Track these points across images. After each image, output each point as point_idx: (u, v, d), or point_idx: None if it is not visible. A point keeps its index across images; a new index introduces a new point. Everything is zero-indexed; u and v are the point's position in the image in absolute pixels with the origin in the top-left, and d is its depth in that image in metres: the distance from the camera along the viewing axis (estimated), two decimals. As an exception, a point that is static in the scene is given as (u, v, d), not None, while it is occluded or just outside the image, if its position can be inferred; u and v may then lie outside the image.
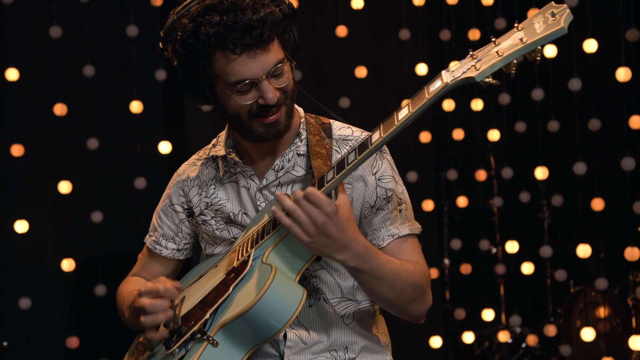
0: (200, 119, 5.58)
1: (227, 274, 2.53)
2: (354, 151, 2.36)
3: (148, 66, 5.53)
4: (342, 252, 2.36)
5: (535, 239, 5.88)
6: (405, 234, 2.61)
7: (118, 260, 5.84)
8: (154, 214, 2.94)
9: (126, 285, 2.90)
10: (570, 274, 5.47)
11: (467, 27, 5.86)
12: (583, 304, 5.35)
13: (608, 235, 5.32)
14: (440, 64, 5.87)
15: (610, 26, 5.01)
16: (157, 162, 5.80)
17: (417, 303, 2.55)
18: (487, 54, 2.16)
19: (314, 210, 2.31)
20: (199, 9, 2.43)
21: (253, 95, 2.48)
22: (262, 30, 2.40)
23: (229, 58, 2.43)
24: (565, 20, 2.06)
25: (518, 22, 2.16)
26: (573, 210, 5.39)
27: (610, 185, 5.27)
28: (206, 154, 2.82)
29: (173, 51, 2.52)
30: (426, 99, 2.23)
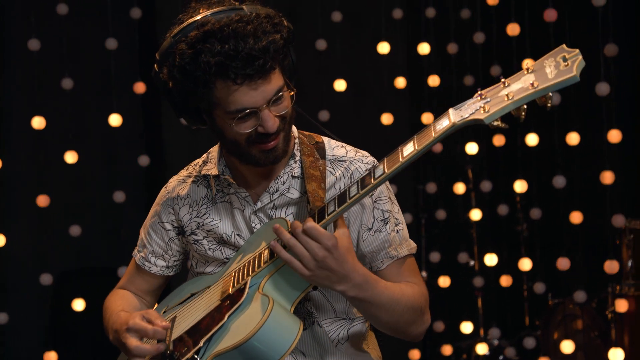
0: (179, 132, 5.57)
1: (222, 300, 2.49)
2: (356, 184, 2.33)
3: (127, 79, 5.52)
4: (342, 283, 2.34)
5: (514, 252, 5.90)
6: (403, 256, 2.61)
7: (97, 274, 5.83)
8: (142, 228, 2.88)
9: (112, 301, 2.85)
10: (548, 287, 5.48)
11: (446, 41, 5.89)
12: (561, 316, 5.36)
13: (587, 248, 5.34)
14: (420, 78, 5.92)
15: (589, 41, 5.04)
16: (136, 176, 5.79)
17: (416, 325, 2.55)
18: (496, 96, 2.12)
19: (313, 244, 2.29)
20: (198, 35, 2.36)
21: (252, 123, 2.43)
22: (264, 61, 2.35)
23: (229, 87, 2.38)
24: (578, 67, 2.02)
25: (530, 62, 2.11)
26: (552, 223, 5.41)
27: (590, 198, 5.29)
28: (196, 171, 2.77)
29: (169, 75, 2.45)
30: (432, 138, 2.18)
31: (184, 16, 2.49)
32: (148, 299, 2.92)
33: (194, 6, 2.50)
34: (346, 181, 2.60)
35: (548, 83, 2.04)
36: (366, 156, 2.66)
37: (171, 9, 5.64)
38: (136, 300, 2.87)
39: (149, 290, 2.91)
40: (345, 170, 2.61)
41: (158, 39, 5.97)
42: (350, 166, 2.62)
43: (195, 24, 2.39)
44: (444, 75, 6.03)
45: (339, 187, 2.59)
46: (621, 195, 4.83)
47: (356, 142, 2.81)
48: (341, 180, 2.60)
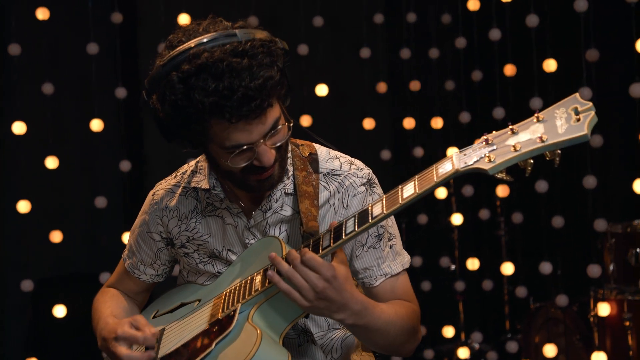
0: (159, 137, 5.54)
1: (210, 325, 2.46)
2: (353, 218, 2.28)
3: (108, 84, 5.50)
4: (340, 312, 2.31)
5: (495, 256, 5.91)
6: (397, 272, 2.58)
7: (78, 281, 5.81)
8: (131, 234, 2.84)
9: (102, 302, 2.82)
10: (530, 291, 5.49)
11: (427, 46, 5.90)
12: (542, 320, 5.37)
13: (568, 252, 5.35)
14: (401, 83, 5.93)
15: (571, 46, 5.06)
16: (117, 181, 5.76)
17: (409, 343, 2.54)
18: (503, 144, 2.05)
19: (312, 275, 2.25)
20: (190, 69, 2.24)
21: (248, 156, 2.36)
22: (260, 100, 2.26)
23: (224, 126, 2.29)
24: (589, 125, 1.95)
25: (539, 112, 2.05)
26: (534, 228, 5.42)
27: (571, 202, 5.30)
28: (185, 181, 2.71)
29: (160, 107, 2.34)
30: (434, 183, 2.12)
31: (174, 39, 2.37)
32: (139, 298, 2.91)
33: (183, 28, 2.40)
34: (340, 197, 2.56)
35: (557, 139, 1.97)
36: (361, 169, 2.61)
37: (152, 14, 5.65)
38: (126, 301, 2.85)
39: (139, 291, 2.90)
40: (340, 185, 2.57)
41: (139, 43, 5.98)
42: (344, 181, 2.57)
43: (187, 55, 2.26)
44: (425, 80, 6.04)
45: (333, 202, 2.56)
46: (603, 200, 4.84)
47: (338, 147, 2.77)
48: (335, 196, 2.56)
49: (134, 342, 2.50)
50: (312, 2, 5.68)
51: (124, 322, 2.55)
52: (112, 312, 2.72)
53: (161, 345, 2.56)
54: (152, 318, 2.74)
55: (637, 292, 4.75)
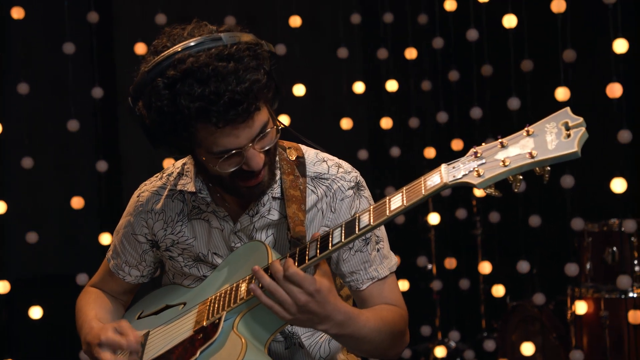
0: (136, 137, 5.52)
1: (195, 332, 2.44)
2: (340, 228, 2.25)
3: (84, 84, 5.48)
4: (323, 323, 2.29)
5: (473, 256, 5.93)
6: (384, 276, 2.56)
7: (54, 282, 5.76)
8: (115, 235, 2.79)
9: (85, 303, 2.78)
10: (507, 290, 5.52)
11: (403, 46, 5.91)
12: (519, 318, 5.40)
13: (546, 251, 5.38)
14: (378, 83, 5.94)
15: (548, 47, 5.09)
16: (94, 181, 5.73)
17: (395, 347, 2.52)
18: (492, 159, 2.01)
19: (295, 290, 2.23)
20: (175, 75, 2.21)
21: (237, 161, 2.32)
22: (247, 104, 2.22)
23: (211, 131, 2.25)
24: (579, 142, 1.90)
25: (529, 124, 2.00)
26: (512, 227, 5.44)
27: (549, 202, 5.33)
28: (171, 183, 2.66)
29: (146, 113, 2.29)
30: (422, 196, 2.08)
31: (158, 44, 2.33)
32: (124, 299, 2.87)
33: (167, 32, 2.36)
34: (328, 201, 2.53)
35: (547, 155, 1.93)
36: (348, 172, 2.58)
37: (128, 14, 5.64)
38: (110, 302, 2.81)
39: (124, 292, 2.85)
40: (328, 189, 2.54)
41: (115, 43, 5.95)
42: (332, 185, 2.54)
43: (172, 60, 2.23)
44: (402, 80, 6.05)
45: (321, 207, 2.53)
46: (580, 199, 4.87)
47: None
48: (323, 200, 2.53)
49: (117, 348, 2.47)
50: (289, 2, 5.68)
51: (108, 328, 2.52)
52: (96, 315, 2.68)
53: (145, 350, 2.54)
54: (136, 319, 2.72)
55: (613, 291, 4.78)
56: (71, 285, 5.25)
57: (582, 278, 4.95)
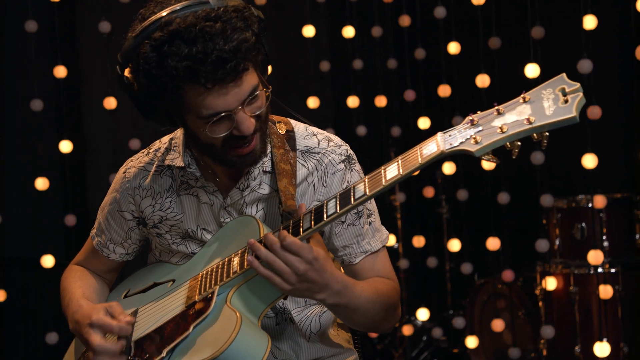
0: (100, 116, 5.46)
1: (187, 307, 2.41)
2: (334, 199, 2.23)
3: (47, 63, 5.39)
4: (322, 292, 2.28)
5: (442, 234, 5.94)
6: (377, 249, 2.56)
7: (18, 265, 5.69)
8: (100, 212, 2.77)
9: (71, 281, 2.74)
10: (475, 267, 5.54)
11: (369, 24, 5.89)
12: (487, 296, 5.42)
13: (514, 228, 5.40)
14: (344, 61, 5.92)
15: (517, 24, 5.09)
16: (58, 162, 5.66)
17: (388, 320, 2.52)
18: (489, 126, 1.99)
19: (294, 259, 2.21)
20: (163, 37, 2.19)
21: (227, 126, 2.29)
22: (236, 63, 2.19)
23: (199, 92, 2.23)
24: (577, 107, 1.90)
25: (525, 91, 1.98)
26: (480, 204, 5.45)
27: (518, 179, 5.34)
28: (159, 159, 2.63)
29: (134, 79, 2.29)
30: (418, 164, 2.05)
31: (145, 11, 2.31)
32: (108, 277, 2.84)
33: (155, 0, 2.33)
34: (320, 175, 2.52)
35: (545, 121, 1.91)
36: (339, 145, 2.57)
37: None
38: (95, 280, 2.77)
39: (108, 270, 2.82)
40: (319, 163, 2.52)
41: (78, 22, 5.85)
42: (323, 158, 2.53)
43: (159, 23, 2.22)
44: (368, 59, 6.03)
45: (312, 180, 2.52)
46: (548, 175, 4.88)
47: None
48: (314, 174, 2.52)
49: (108, 331, 2.44)
50: (255, -19, 5.63)
51: (99, 309, 2.48)
52: (83, 294, 2.65)
53: (135, 327, 2.50)
54: (122, 297, 2.68)
55: (582, 266, 4.82)
56: (36, 268, 5.18)
57: (551, 254, 4.99)
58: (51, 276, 5.16)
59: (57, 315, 5.20)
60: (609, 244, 4.81)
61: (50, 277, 5.17)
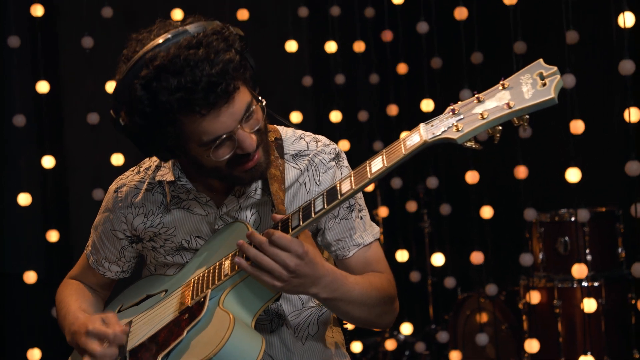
0: (82, 131, 5.45)
1: (180, 313, 2.42)
2: (321, 197, 2.26)
3: (29, 78, 5.37)
4: (314, 286, 2.28)
5: (422, 248, 5.95)
6: (369, 242, 2.57)
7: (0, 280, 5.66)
8: (93, 230, 2.77)
9: (67, 294, 2.76)
10: (458, 282, 5.55)
11: (352, 39, 5.91)
12: (470, 310, 5.43)
13: (497, 242, 5.42)
14: (326, 76, 5.93)
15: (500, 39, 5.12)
16: (37, 178, 5.63)
17: (387, 314, 2.52)
18: (470, 113, 2.04)
19: (283, 254, 2.21)
20: (150, 74, 2.21)
21: (229, 147, 2.31)
22: (225, 84, 2.21)
23: (195, 120, 2.25)
24: (556, 88, 1.95)
25: (504, 78, 2.04)
26: (463, 219, 5.47)
27: (501, 193, 5.37)
28: (149, 176, 2.65)
29: (130, 121, 2.30)
30: (402, 155, 2.09)
31: (128, 52, 2.34)
32: (103, 293, 2.85)
33: (135, 38, 2.35)
34: (311, 174, 2.55)
35: (524, 104, 1.96)
36: (327, 144, 2.60)
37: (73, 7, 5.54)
38: (91, 294, 2.80)
39: (103, 285, 2.84)
40: (310, 163, 2.55)
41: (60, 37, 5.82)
42: (314, 158, 2.56)
43: (144, 61, 2.24)
44: (350, 74, 6.05)
45: (304, 180, 2.55)
46: (531, 189, 4.91)
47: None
48: (305, 174, 2.55)
49: (104, 339, 2.44)
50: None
51: (95, 319, 2.49)
52: (80, 306, 2.66)
53: (129, 337, 2.51)
54: (117, 312, 2.68)
55: (566, 280, 4.83)
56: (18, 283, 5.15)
57: (535, 268, 5.01)
58: (33, 292, 5.14)
59: (40, 331, 5.20)
60: (592, 257, 4.84)
61: (33, 293, 5.15)
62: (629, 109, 4.31)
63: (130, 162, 4.97)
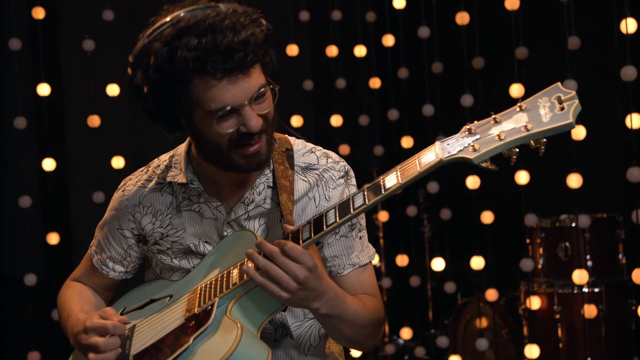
0: (83, 134, 5.45)
1: (187, 320, 2.42)
2: (333, 210, 2.26)
3: (30, 81, 5.37)
4: (318, 300, 2.29)
5: (422, 253, 5.95)
6: (365, 263, 2.58)
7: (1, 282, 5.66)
8: (99, 229, 2.77)
9: (69, 297, 2.75)
10: (458, 286, 5.54)
11: (353, 44, 5.91)
12: (470, 315, 5.43)
13: (497, 247, 5.41)
14: (327, 80, 5.93)
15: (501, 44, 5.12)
16: (40, 180, 5.63)
17: (373, 337, 2.53)
18: (487, 134, 2.04)
19: (294, 266, 2.22)
20: (173, 32, 2.26)
21: (234, 122, 2.31)
22: (244, 53, 2.23)
23: (208, 84, 2.27)
24: (574, 113, 1.97)
25: (522, 101, 2.04)
26: (463, 224, 5.47)
27: (501, 198, 5.36)
28: (158, 176, 2.65)
29: (144, 78, 2.33)
30: (417, 172, 2.11)
31: (157, 18, 2.36)
32: (105, 294, 2.85)
33: (166, 8, 2.38)
34: (321, 190, 2.55)
35: (542, 128, 1.97)
36: (337, 162, 2.60)
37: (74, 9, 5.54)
38: (93, 296, 2.80)
39: (106, 287, 2.83)
40: (319, 178, 2.56)
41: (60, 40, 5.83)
42: (323, 174, 2.56)
43: (170, 23, 2.29)
44: (351, 78, 6.05)
45: (313, 195, 2.55)
46: (532, 195, 4.90)
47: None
48: (314, 189, 2.55)
49: (104, 332, 2.43)
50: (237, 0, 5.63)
51: (93, 315, 2.49)
52: (82, 308, 2.66)
53: (133, 341, 2.50)
54: (119, 313, 2.67)
55: (566, 286, 4.83)
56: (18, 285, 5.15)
57: (535, 273, 5.00)
58: (34, 294, 5.14)
59: (39, 333, 5.20)
60: (593, 263, 4.83)
61: (33, 295, 5.14)
62: (631, 115, 4.31)
63: (131, 165, 4.97)
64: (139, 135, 5.68)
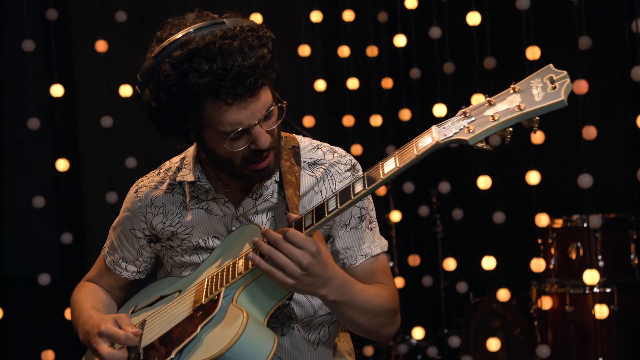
0: (96, 135, 5.48)
1: (194, 310, 2.45)
2: (334, 197, 2.29)
3: (43, 82, 5.40)
4: (324, 287, 2.32)
5: (434, 253, 5.95)
6: (377, 254, 2.60)
7: (15, 283, 5.69)
8: (112, 230, 2.82)
9: (82, 296, 2.79)
10: (470, 287, 5.55)
11: (365, 44, 5.92)
12: (482, 315, 5.43)
13: (509, 248, 5.41)
14: (339, 80, 5.94)
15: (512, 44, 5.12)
16: (54, 180, 5.66)
17: (389, 326, 2.55)
18: (481, 115, 2.09)
19: (297, 251, 2.25)
20: (182, 55, 2.27)
21: (245, 141, 2.36)
22: (255, 78, 2.27)
23: (220, 108, 2.30)
24: (565, 91, 2.00)
25: (515, 82, 2.09)
26: (475, 224, 5.47)
27: (513, 199, 5.37)
28: (170, 178, 2.70)
29: (154, 97, 2.35)
30: (415, 156, 2.13)
31: (162, 34, 2.38)
32: (118, 294, 2.88)
33: (171, 22, 2.40)
34: (327, 184, 2.58)
35: (535, 106, 2.01)
36: (343, 156, 2.64)
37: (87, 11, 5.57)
38: (105, 295, 2.83)
39: (119, 287, 2.87)
40: (326, 173, 2.59)
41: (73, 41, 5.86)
42: (330, 168, 2.59)
43: (178, 43, 2.30)
44: (363, 78, 6.06)
45: (319, 189, 2.58)
46: (544, 195, 4.91)
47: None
48: (321, 183, 2.59)
49: (115, 341, 2.47)
50: (249, 0, 5.66)
51: (108, 319, 2.52)
52: (93, 306, 2.69)
53: (143, 335, 2.54)
54: (130, 313, 2.72)
55: (578, 286, 4.83)
56: (33, 286, 5.18)
57: (547, 274, 5.00)
58: (48, 294, 5.17)
59: (53, 332, 5.22)
60: (604, 263, 4.83)
61: (47, 295, 5.18)
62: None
63: (144, 166, 4.99)
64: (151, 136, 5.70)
